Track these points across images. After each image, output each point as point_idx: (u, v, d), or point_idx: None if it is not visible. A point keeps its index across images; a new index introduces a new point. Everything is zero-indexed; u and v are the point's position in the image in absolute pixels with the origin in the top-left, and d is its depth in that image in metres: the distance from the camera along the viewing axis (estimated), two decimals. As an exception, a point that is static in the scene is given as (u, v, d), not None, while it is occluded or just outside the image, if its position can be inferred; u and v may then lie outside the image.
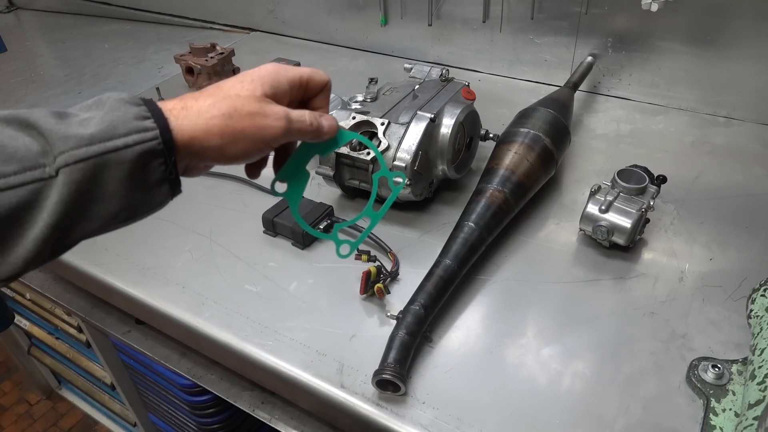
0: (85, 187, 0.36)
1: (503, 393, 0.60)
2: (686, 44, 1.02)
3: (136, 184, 0.39)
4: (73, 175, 0.36)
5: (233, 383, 0.81)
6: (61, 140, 0.36)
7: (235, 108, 0.43)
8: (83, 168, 0.36)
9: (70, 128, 0.37)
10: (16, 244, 0.36)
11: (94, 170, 0.36)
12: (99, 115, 0.38)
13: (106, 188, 0.38)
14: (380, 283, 0.70)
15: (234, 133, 0.43)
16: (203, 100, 0.43)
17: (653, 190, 0.76)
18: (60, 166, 0.35)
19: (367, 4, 1.32)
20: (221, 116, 0.43)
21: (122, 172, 0.38)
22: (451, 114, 0.82)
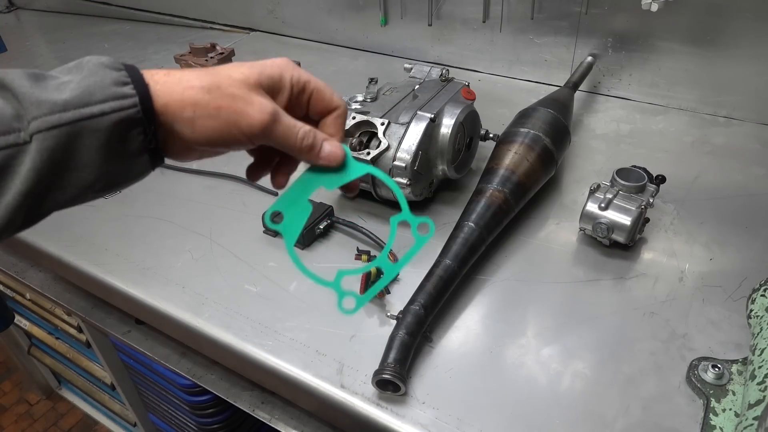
0: (58, 155, 0.35)
1: (503, 393, 0.60)
2: (686, 44, 1.02)
3: (113, 154, 0.37)
4: (47, 142, 0.34)
5: (233, 383, 0.81)
6: (34, 105, 0.34)
7: (218, 84, 0.40)
8: (57, 135, 0.34)
9: (45, 92, 0.35)
10: None
11: (68, 138, 0.35)
12: (77, 79, 0.36)
13: (81, 157, 0.36)
14: (380, 283, 0.70)
15: (208, 109, 0.39)
16: (190, 71, 0.40)
17: (652, 188, 0.76)
18: (33, 132, 0.34)
19: (367, 4, 1.32)
20: (200, 88, 0.39)
21: (98, 140, 0.36)
22: (451, 114, 0.82)
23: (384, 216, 0.86)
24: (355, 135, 0.82)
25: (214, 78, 0.40)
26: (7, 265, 1.04)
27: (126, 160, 0.38)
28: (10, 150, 0.34)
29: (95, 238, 0.86)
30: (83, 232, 0.87)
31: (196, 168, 1.00)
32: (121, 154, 0.37)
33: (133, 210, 0.91)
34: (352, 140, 0.82)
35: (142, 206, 0.92)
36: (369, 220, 0.85)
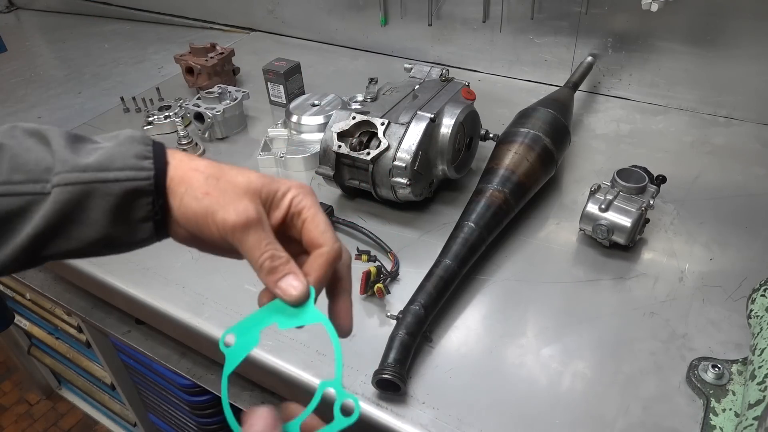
0: (69, 208, 0.38)
1: (503, 393, 0.60)
2: (686, 44, 1.02)
3: (119, 217, 0.40)
4: (62, 195, 0.38)
5: (233, 383, 0.81)
6: (61, 162, 0.38)
7: (218, 177, 0.41)
8: (71, 191, 0.38)
9: (74, 155, 0.39)
10: (1, 246, 0.38)
11: (81, 195, 0.38)
12: (108, 147, 0.40)
13: (89, 215, 0.39)
14: (380, 283, 0.70)
15: (196, 192, 0.40)
16: (209, 162, 0.42)
17: (653, 189, 0.76)
18: (54, 185, 0.38)
19: (367, 4, 1.32)
20: (201, 173, 0.41)
21: (107, 202, 0.39)
22: (451, 114, 0.82)
23: (384, 216, 0.86)
24: (355, 135, 0.82)
25: (219, 171, 0.41)
26: (7, 265, 1.04)
27: (131, 225, 0.41)
28: (33, 197, 0.38)
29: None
30: (83, 232, 0.87)
31: (196, 168, 1.00)
32: (127, 220, 0.40)
33: (133, 210, 0.91)
34: (353, 140, 0.82)
35: (142, 206, 0.92)
36: (369, 220, 0.85)
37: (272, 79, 1.16)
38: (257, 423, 0.35)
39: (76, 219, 0.39)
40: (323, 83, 1.24)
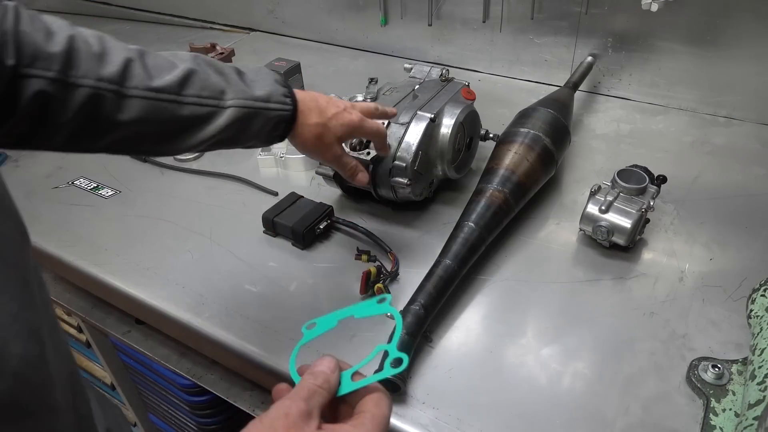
0: (240, 122, 0.57)
1: (503, 393, 0.60)
2: (686, 44, 1.02)
3: (269, 132, 0.60)
4: (238, 113, 0.57)
5: (233, 383, 0.81)
6: (237, 90, 0.57)
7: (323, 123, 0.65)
8: (244, 111, 0.57)
9: (244, 86, 0.58)
10: (195, 136, 0.56)
11: (250, 115, 0.58)
12: (267, 83, 0.60)
13: (251, 128, 0.59)
14: (380, 283, 0.70)
15: (312, 126, 0.64)
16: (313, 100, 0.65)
17: (653, 190, 0.76)
18: (231, 105, 0.56)
19: (367, 4, 1.32)
20: (316, 111, 0.65)
21: (265, 123, 0.59)
22: (451, 114, 0.82)
23: (384, 216, 0.86)
24: (355, 135, 0.82)
25: (324, 119, 0.65)
26: (7, 265, 1.04)
27: (272, 137, 0.62)
28: (214, 109, 0.56)
29: (95, 238, 0.86)
30: (83, 232, 0.87)
31: (196, 168, 1.00)
32: (271, 134, 0.61)
33: (133, 210, 0.91)
34: (352, 140, 0.81)
35: (142, 206, 0.92)
36: (369, 220, 0.85)
37: (272, 79, 1.15)
38: (322, 363, 0.43)
39: (242, 128, 0.58)
40: (323, 83, 1.24)
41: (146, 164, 1.03)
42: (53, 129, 0.50)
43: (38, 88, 0.47)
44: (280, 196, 0.90)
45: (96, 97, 0.50)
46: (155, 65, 0.54)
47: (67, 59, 0.49)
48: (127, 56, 0.52)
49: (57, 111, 0.49)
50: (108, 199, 0.94)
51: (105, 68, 0.50)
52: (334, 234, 0.83)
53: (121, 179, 0.99)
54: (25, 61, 0.46)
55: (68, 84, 0.49)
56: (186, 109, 0.55)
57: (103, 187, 0.97)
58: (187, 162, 1.02)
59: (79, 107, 0.49)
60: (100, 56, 0.51)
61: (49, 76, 0.47)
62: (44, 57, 0.47)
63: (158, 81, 0.53)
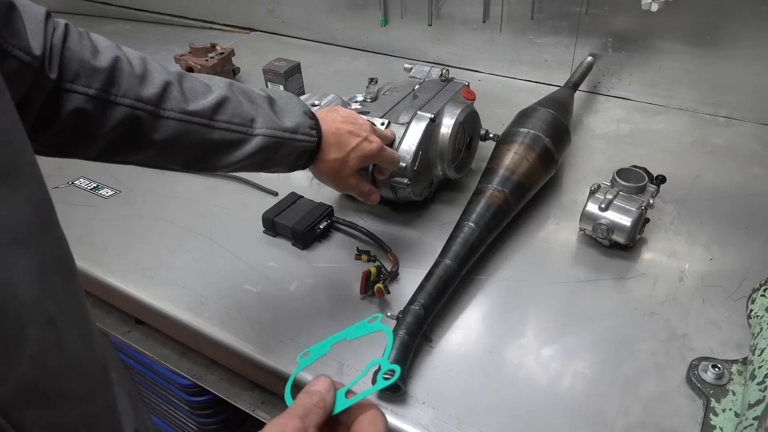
0: (267, 150, 0.60)
1: (503, 393, 0.60)
2: (686, 44, 1.02)
3: (292, 161, 0.63)
4: (265, 141, 0.59)
5: (233, 383, 0.81)
6: (266, 119, 0.60)
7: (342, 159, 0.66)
8: (272, 141, 0.60)
9: (275, 116, 0.61)
10: (222, 160, 0.59)
11: (276, 144, 0.60)
12: (290, 114, 0.62)
13: (277, 156, 0.61)
14: (380, 283, 0.70)
15: (330, 162, 0.66)
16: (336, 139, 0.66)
17: (652, 189, 0.76)
18: (260, 133, 0.59)
19: (367, 4, 1.32)
20: (334, 150, 0.66)
21: (290, 152, 0.62)
22: (451, 114, 0.82)
23: (384, 216, 0.86)
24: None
25: (343, 154, 0.67)
26: (7, 265, 1.04)
27: (295, 165, 0.64)
28: (243, 136, 0.58)
29: (95, 238, 0.86)
30: (83, 232, 0.87)
31: (196, 168, 1.00)
32: (295, 162, 0.64)
33: (133, 210, 0.91)
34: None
35: (142, 206, 0.92)
36: (369, 220, 0.85)
37: (272, 79, 1.15)
38: (317, 383, 0.44)
39: (268, 156, 0.60)
40: (323, 83, 1.24)
41: (146, 164, 1.02)
42: (90, 141, 0.53)
43: (78, 103, 0.50)
44: (280, 196, 0.90)
45: (133, 115, 0.53)
46: (192, 89, 0.57)
47: (110, 78, 0.51)
48: (167, 79, 0.55)
49: (95, 126, 0.52)
50: (108, 199, 0.94)
51: (145, 89, 0.53)
52: (334, 234, 0.83)
53: (121, 179, 0.99)
54: (68, 76, 0.49)
55: (108, 102, 0.51)
56: (216, 133, 0.57)
57: (103, 187, 0.97)
58: (187, 162, 1.02)
59: (116, 124, 0.52)
60: (142, 78, 0.53)
61: (90, 93, 0.50)
62: (87, 74, 0.50)
63: (193, 105, 0.56)
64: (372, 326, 0.51)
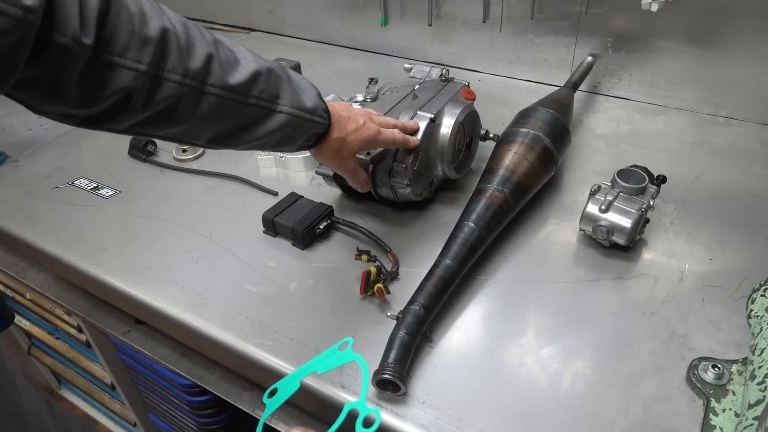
0: (288, 127, 0.61)
1: (503, 393, 0.60)
2: (686, 44, 1.02)
3: (306, 140, 0.65)
4: (287, 118, 0.60)
5: (233, 383, 0.81)
6: (289, 96, 0.60)
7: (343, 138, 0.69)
8: (293, 119, 0.60)
9: (297, 95, 0.61)
10: (246, 135, 0.60)
11: (297, 122, 0.61)
12: (308, 95, 0.62)
13: (295, 134, 0.62)
14: (380, 283, 0.70)
15: (336, 141, 0.68)
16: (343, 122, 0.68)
17: (653, 190, 0.76)
18: (283, 111, 0.59)
19: (367, 4, 1.32)
20: (342, 135, 0.68)
21: (306, 132, 0.63)
22: (451, 114, 0.82)
23: (384, 216, 0.86)
24: (355, 135, 0.82)
25: (344, 139, 0.69)
26: (7, 265, 1.04)
27: (306, 145, 0.66)
28: (267, 111, 0.59)
29: (95, 238, 0.86)
30: (83, 232, 0.87)
31: (196, 168, 1.00)
32: (306, 142, 0.65)
33: (133, 210, 0.91)
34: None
35: (142, 206, 0.92)
36: (369, 220, 0.85)
37: (272, 79, 1.15)
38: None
39: (287, 134, 0.61)
40: (323, 83, 1.22)
41: (146, 164, 1.03)
42: (127, 116, 0.50)
43: (127, 81, 0.46)
44: (280, 196, 0.90)
45: (179, 92, 0.50)
46: (226, 60, 0.54)
47: (160, 50, 0.48)
48: (209, 51, 0.52)
49: (139, 102, 0.49)
50: (108, 199, 0.94)
51: (191, 62, 0.50)
52: (334, 234, 0.83)
53: (121, 179, 0.99)
54: (116, 48, 0.45)
55: (157, 77, 0.48)
56: (246, 109, 0.57)
57: (103, 187, 0.97)
58: (187, 162, 1.02)
59: (161, 100, 0.50)
60: (187, 48, 0.50)
61: (141, 69, 0.47)
62: (137, 47, 0.46)
63: (232, 79, 0.54)
64: (343, 355, 0.49)
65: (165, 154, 1.05)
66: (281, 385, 0.49)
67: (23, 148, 1.14)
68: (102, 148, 1.09)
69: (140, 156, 1.03)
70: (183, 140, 0.58)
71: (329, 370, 0.48)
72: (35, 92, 0.46)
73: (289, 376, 0.50)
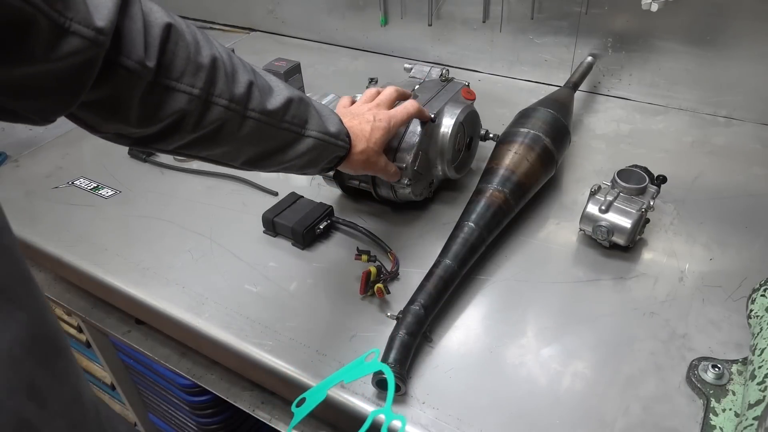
0: (314, 151, 0.63)
1: (503, 393, 0.60)
2: (686, 44, 1.02)
3: (328, 162, 0.67)
4: (315, 142, 0.62)
5: (233, 383, 0.81)
6: (316, 122, 0.63)
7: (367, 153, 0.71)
8: (319, 143, 0.63)
9: (323, 121, 0.64)
10: (277, 158, 0.62)
11: (322, 147, 0.64)
12: (334, 122, 0.66)
13: (320, 157, 0.65)
14: (380, 283, 0.70)
15: (357, 163, 0.71)
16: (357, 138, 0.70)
17: (653, 190, 0.76)
18: (311, 135, 0.62)
19: (367, 4, 1.32)
20: (361, 151, 0.70)
21: (330, 155, 0.66)
22: (451, 114, 0.82)
23: (384, 216, 0.86)
24: (355, 135, 0.82)
25: (367, 151, 0.71)
26: (7, 265, 1.04)
27: (324, 168, 0.69)
28: (296, 136, 0.61)
29: (95, 238, 0.86)
30: (83, 232, 0.87)
31: (196, 168, 1.00)
32: (326, 166, 0.68)
33: (133, 210, 0.91)
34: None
35: (142, 206, 0.92)
36: (369, 220, 0.85)
37: (272, 79, 1.15)
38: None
39: (313, 158, 0.64)
40: (323, 83, 1.24)
41: (146, 164, 1.03)
42: (177, 137, 0.53)
43: (182, 104, 0.50)
44: (280, 196, 0.90)
45: (224, 117, 0.53)
46: (263, 87, 0.58)
47: (210, 76, 0.51)
48: (250, 78, 0.56)
49: (190, 124, 0.52)
50: (108, 199, 0.94)
51: (236, 88, 0.54)
52: (334, 234, 0.84)
53: (121, 179, 0.99)
54: (174, 74, 0.49)
55: (207, 101, 0.52)
56: (281, 134, 0.60)
57: (103, 187, 0.97)
58: (187, 162, 1.02)
59: (209, 123, 0.53)
60: (233, 75, 0.54)
61: (195, 93, 0.50)
62: (192, 72, 0.50)
63: (269, 105, 0.57)
64: (370, 365, 0.51)
65: (165, 154, 1.05)
66: (309, 395, 0.51)
67: (23, 148, 1.14)
68: (102, 148, 1.09)
69: (140, 156, 1.03)
70: (221, 161, 0.61)
71: (355, 380, 0.49)
72: (99, 112, 0.48)
73: (317, 386, 0.52)
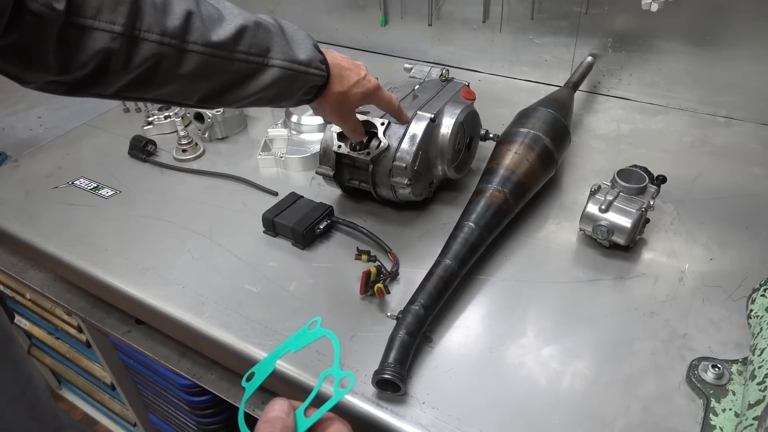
0: (282, 82, 0.59)
1: (503, 393, 0.60)
2: (686, 44, 1.02)
3: (303, 94, 0.63)
4: (281, 73, 0.59)
5: (233, 383, 0.82)
6: (281, 49, 0.59)
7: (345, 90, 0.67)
8: (287, 73, 0.59)
9: (290, 48, 0.60)
10: (238, 92, 0.58)
11: (291, 77, 0.60)
12: (303, 46, 0.61)
13: (290, 89, 0.61)
14: (380, 283, 0.70)
15: (337, 94, 0.67)
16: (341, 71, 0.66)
17: (653, 189, 0.76)
18: (276, 65, 0.58)
19: (367, 4, 1.32)
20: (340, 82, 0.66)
21: (302, 86, 0.62)
22: (451, 114, 0.82)
23: (384, 216, 0.86)
24: (355, 135, 0.82)
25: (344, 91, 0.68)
26: (7, 265, 1.04)
27: (304, 99, 0.64)
28: (258, 66, 0.57)
29: (95, 238, 0.86)
30: (83, 232, 0.87)
31: (196, 168, 1.00)
32: (305, 96, 0.64)
33: (133, 210, 0.91)
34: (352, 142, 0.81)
35: (142, 206, 0.92)
36: (369, 220, 0.85)
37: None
38: (274, 408, 0.42)
39: (282, 90, 0.60)
40: (323, 83, 1.24)
41: (146, 164, 1.03)
42: (111, 80, 0.50)
43: (103, 43, 0.47)
44: (280, 196, 0.90)
45: (159, 51, 0.50)
46: (209, 16, 0.53)
47: (133, 10, 0.48)
48: (188, 8, 0.51)
49: (119, 64, 0.49)
50: (108, 199, 0.94)
51: (168, 20, 0.50)
52: (334, 234, 0.83)
53: (121, 179, 0.99)
54: (89, 11, 0.46)
55: (133, 37, 0.48)
56: (234, 65, 0.55)
57: (103, 187, 0.97)
58: (187, 162, 1.02)
59: (142, 61, 0.50)
60: (163, 7, 0.50)
61: (116, 31, 0.47)
62: (110, 7, 0.46)
63: (215, 35, 0.53)
64: (314, 333, 0.50)
65: (165, 154, 1.05)
66: (258, 368, 0.50)
67: (23, 148, 1.14)
68: (102, 148, 1.09)
69: (140, 156, 1.03)
70: (174, 101, 0.57)
71: (302, 347, 0.50)
72: (15, 61, 0.46)
73: (264, 359, 0.51)
